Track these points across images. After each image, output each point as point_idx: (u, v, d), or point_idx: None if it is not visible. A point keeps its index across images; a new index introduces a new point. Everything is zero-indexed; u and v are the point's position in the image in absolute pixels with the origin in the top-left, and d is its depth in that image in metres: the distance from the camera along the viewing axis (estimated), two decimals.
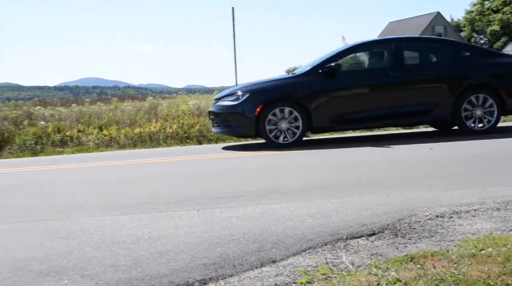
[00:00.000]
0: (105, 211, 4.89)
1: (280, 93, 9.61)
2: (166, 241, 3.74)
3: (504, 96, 9.81)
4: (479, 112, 9.79)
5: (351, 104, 9.72)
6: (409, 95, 9.84)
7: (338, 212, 4.32)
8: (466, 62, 10.13)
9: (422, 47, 10.68)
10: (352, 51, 10.34)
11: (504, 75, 9.96)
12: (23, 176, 8.17)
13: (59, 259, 3.47)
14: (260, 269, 3.16)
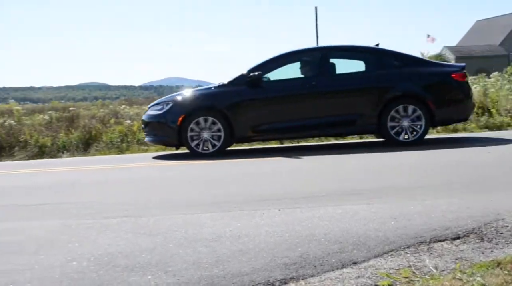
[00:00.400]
0: (188, 209, 4.97)
1: (203, 103, 9.57)
2: (247, 240, 3.76)
3: (432, 107, 9.36)
4: (406, 123, 9.36)
5: (273, 114, 9.52)
6: (332, 105, 9.52)
7: (421, 214, 4.23)
8: (394, 71, 9.70)
9: (350, 56, 10.29)
10: (280, 60, 10.03)
11: (434, 86, 9.55)
12: (109, 174, 8.42)
13: (143, 254, 3.55)
14: (341, 270, 3.14)
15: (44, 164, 10.41)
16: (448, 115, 9.62)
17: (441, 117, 9.52)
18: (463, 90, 9.59)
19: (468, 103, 9.71)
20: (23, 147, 12.52)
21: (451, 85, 9.58)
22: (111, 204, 5.55)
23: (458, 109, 9.65)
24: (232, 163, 8.68)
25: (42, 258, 3.58)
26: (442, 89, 9.57)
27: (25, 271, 3.32)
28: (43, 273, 3.27)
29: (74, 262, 3.46)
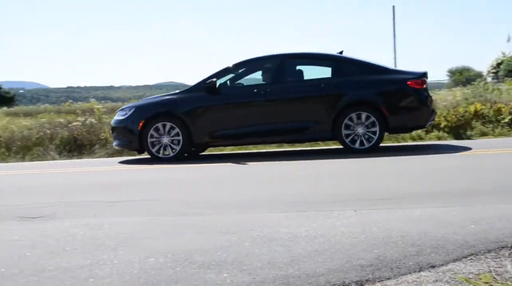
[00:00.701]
0: (264, 208, 4.99)
1: (163, 109, 9.84)
2: (322, 240, 3.74)
3: (386, 114, 9.33)
4: (361, 130, 9.33)
5: (228, 120, 9.73)
6: (286, 112, 9.63)
7: (502, 218, 4.10)
8: (348, 79, 9.70)
9: (306, 63, 10.36)
10: (240, 67, 10.17)
11: (388, 93, 9.48)
12: (187, 172, 8.55)
13: (219, 252, 3.59)
14: (418, 274, 3.07)
15: (123, 161, 10.67)
16: (403, 122, 9.60)
17: (395, 125, 9.52)
18: (419, 97, 9.49)
19: (424, 110, 9.55)
20: (103, 144, 12.88)
21: (406, 92, 9.52)
22: (189, 201, 5.64)
23: (413, 117, 9.58)
24: (295, 163, 8.70)
25: (121, 253, 3.68)
26: (397, 97, 9.53)
27: (105, 266, 3.41)
28: (122, 268, 3.36)
29: (152, 258, 3.53)
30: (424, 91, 9.56)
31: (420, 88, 9.50)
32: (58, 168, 9.88)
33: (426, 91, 9.61)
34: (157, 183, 7.30)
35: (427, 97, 9.58)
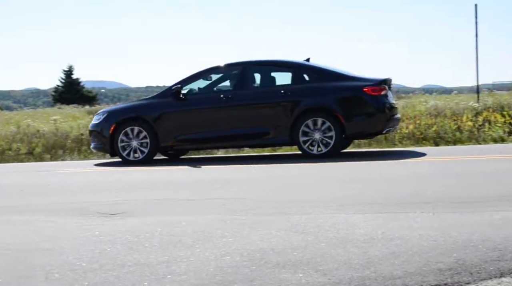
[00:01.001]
0: (340, 209, 4.95)
1: (132, 114, 10.30)
2: (399, 242, 3.68)
3: (342, 120, 9.46)
4: (318, 136, 9.49)
5: (193, 125, 10.08)
6: (247, 117, 9.89)
7: None
8: (306, 86, 9.95)
9: (268, 70, 10.50)
10: (206, 74, 10.54)
11: (344, 99, 9.62)
12: (256, 172, 8.59)
13: (295, 252, 3.58)
14: (499, 279, 2.98)
15: (201, 160, 10.83)
16: (358, 128, 9.69)
17: (352, 131, 9.63)
18: (375, 104, 9.53)
19: (381, 117, 9.57)
20: None
21: (362, 99, 9.60)
22: (264, 201, 5.66)
23: (369, 123, 9.64)
24: (373, 164, 8.57)
25: (198, 251, 3.73)
26: (353, 103, 9.66)
27: (181, 263, 3.46)
28: (199, 265, 3.40)
29: (228, 256, 3.56)
30: (382, 98, 9.59)
31: (377, 95, 9.54)
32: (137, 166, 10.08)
33: (384, 98, 9.63)
34: (230, 182, 7.36)
35: (384, 104, 9.61)
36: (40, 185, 8.13)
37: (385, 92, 9.68)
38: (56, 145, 14.65)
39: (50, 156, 13.96)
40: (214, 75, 10.69)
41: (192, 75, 10.47)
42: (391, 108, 9.81)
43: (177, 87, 10.14)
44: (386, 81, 9.88)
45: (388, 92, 9.85)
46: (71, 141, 14.81)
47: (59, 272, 3.37)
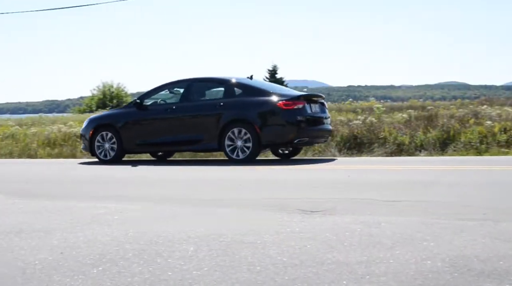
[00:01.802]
0: None
1: (106, 121, 12.49)
2: None
3: (258, 131, 10.80)
4: (240, 143, 10.95)
5: (147, 132, 12.04)
6: (186, 126, 11.61)
7: None
8: (234, 99, 11.43)
9: (206, 86, 12.37)
10: (163, 88, 12.62)
11: (262, 113, 10.98)
12: (466, 175, 8.24)
13: (501, 262, 3.39)
14: None
15: (400, 161, 10.65)
16: (271, 138, 11.01)
17: (266, 140, 10.96)
18: (287, 117, 10.83)
19: (292, 129, 10.84)
20: (382, 143, 12.99)
21: (275, 112, 10.96)
22: (468, 206, 5.43)
23: (280, 134, 10.98)
24: None
25: (397, 253, 3.67)
26: (268, 116, 11.03)
27: (381, 264, 3.43)
28: (398, 268, 3.34)
29: (429, 261, 3.46)
30: (294, 111, 10.86)
31: (290, 109, 10.86)
32: (340, 165, 10.16)
33: (297, 111, 10.86)
34: (434, 184, 7.14)
35: (296, 117, 10.83)
36: (251, 180, 8.48)
37: (300, 106, 10.95)
38: None
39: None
40: (167, 89, 12.79)
41: (154, 89, 12.60)
42: (307, 121, 11.01)
43: (138, 100, 12.35)
44: (300, 97, 11.26)
45: (308, 105, 11.14)
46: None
47: (261, 265, 3.50)
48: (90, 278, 3.29)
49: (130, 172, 10.42)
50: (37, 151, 16.66)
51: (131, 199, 6.54)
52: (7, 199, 6.75)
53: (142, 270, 3.43)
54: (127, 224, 4.93)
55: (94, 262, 3.65)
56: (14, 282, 3.26)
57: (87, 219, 5.23)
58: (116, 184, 8.34)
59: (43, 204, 6.25)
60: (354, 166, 9.97)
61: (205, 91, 12.38)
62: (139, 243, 4.16)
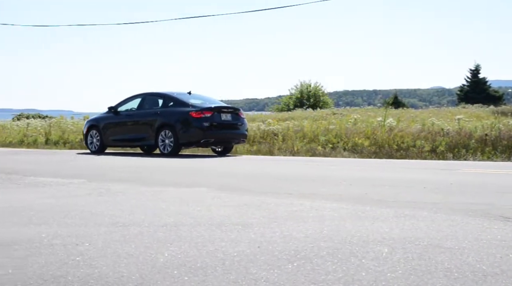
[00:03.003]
0: None
1: (94, 123, 17.19)
2: None
3: (178, 133, 15.19)
4: (167, 141, 15.38)
5: (117, 131, 16.62)
6: (137, 128, 16.13)
7: None
8: (165, 109, 15.80)
9: (153, 99, 16.46)
10: (131, 99, 16.95)
11: (180, 119, 15.22)
12: None
13: None
14: None
15: None
16: (186, 139, 15.16)
17: (182, 140, 15.17)
18: (195, 123, 14.92)
19: (198, 132, 14.92)
20: None
21: (188, 120, 15.06)
22: None
23: (191, 136, 15.11)
24: None
25: None
26: (183, 122, 15.09)
27: None
28: None
29: None
30: (201, 119, 14.87)
31: (198, 117, 14.91)
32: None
33: (203, 119, 14.87)
34: None
35: (202, 124, 14.85)
36: (442, 183, 8.21)
37: (207, 115, 15.01)
38: (459, 144, 14.65)
39: (452, 154, 14.02)
40: (133, 100, 16.98)
41: (125, 99, 17.17)
42: (214, 126, 15.04)
43: (113, 107, 17.01)
44: (215, 108, 15.30)
45: (219, 115, 15.21)
46: (475, 141, 14.64)
47: (458, 272, 3.36)
48: (285, 273, 3.38)
49: (319, 170, 10.53)
50: (237, 147, 17.43)
51: (326, 197, 6.60)
52: (210, 192, 7.14)
53: (336, 269, 3.45)
54: (322, 222, 4.99)
55: (289, 257, 3.74)
56: (214, 271, 3.43)
57: (284, 215, 5.38)
58: (312, 183, 8.47)
59: (242, 199, 6.52)
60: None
61: (151, 103, 16.55)
62: (333, 241, 4.19)
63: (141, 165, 12.14)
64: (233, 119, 15.49)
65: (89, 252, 3.93)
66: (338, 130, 17.61)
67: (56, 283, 3.21)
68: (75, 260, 3.71)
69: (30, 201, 6.51)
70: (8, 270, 3.50)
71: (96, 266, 3.55)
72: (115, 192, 7.24)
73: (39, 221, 5.19)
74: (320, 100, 50.67)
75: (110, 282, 3.22)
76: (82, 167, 11.64)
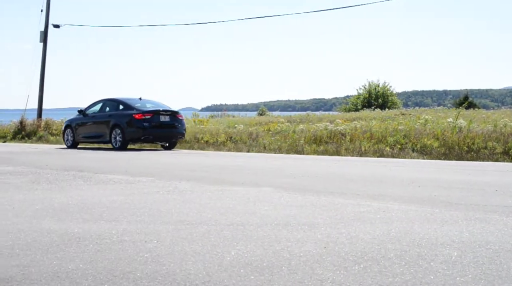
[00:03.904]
0: None
1: (69, 123, 20.78)
2: None
3: (125, 131, 18.72)
4: (118, 138, 18.91)
5: (84, 130, 20.25)
6: (97, 127, 19.78)
7: None
8: (117, 112, 19.43)
9: (110, 103, 20.11)
10: (95, 104, 20.52)
11: (127, 120, 18.72)
12: None
13: None
14: None
15: None
16: (130, 136, 18.73)
17: (128, 137, 18.75)
18: (137, 123, 18.50)
19: (139, 131, 18.51)
20: None
21: (132, 120, 18.62)
22: None
23: (133, 133, 18.67)
24: None
25: None
26: (129, 123, 18.69)
27: None
28: None
29: None
30: (142, 120, 18.39)
31: (139, 118, 18.41)
32: None
33: (143, 120, 18.40)
34: None
35: (143, 123, 18.39)
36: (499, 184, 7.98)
37: (147, 117, 18.41)
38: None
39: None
40: (97, 104, 20.42)
41: (92, 103, 20.60)
42: (153, 126, 18.46)
43: (83, 110, 20.41)
44: (154, 111, 18.74)
45: (158, 116, 18.59)
46: None
47: None
48: (351, 275, 3.35)
49: (387, 171, 10.39)
50: (304, 147, 17.41)
51: (394, 199, 6.51)
52: (276, 192, 7.15)
53: (404, 271, 3.40)
54: (390, 224, 4.92)
55: (356, 259, 3.70)
56: (280, 271, 3.44)
57: (350, 216, 5.34)
58: (380, 184, 8.37)
59: (308, 199, 6.51)
60: None
61: (109, 106, 19.91)
62: (401, 243, 4.13)
63: (208, 164, 12.26)
64: (171, 120, 19.00)
65: (157, 249, 4.00)
66: (407, 131, 17.33)
67: (125, 279, 3.29)
68: (143, 256, 3.79)
69: (101, 197, 6.69)
70: (79, 265, 3.60)
71: (163, 263, 3.61)
72: (182, 190, 7.35)
73: (110, 217, 5.32)
74: (389, 101, 49.95)
75: (178, 280, 3.27)
76: (150, 165, 11.86)
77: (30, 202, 6.40)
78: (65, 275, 3.40)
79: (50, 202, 6.35)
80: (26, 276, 3.39)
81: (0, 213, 5.63)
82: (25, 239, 4.37)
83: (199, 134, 21.20)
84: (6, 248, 4.09)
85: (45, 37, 30.06)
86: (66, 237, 4.43)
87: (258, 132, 20.94)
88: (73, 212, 5.66)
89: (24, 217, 5.42)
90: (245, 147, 18.75)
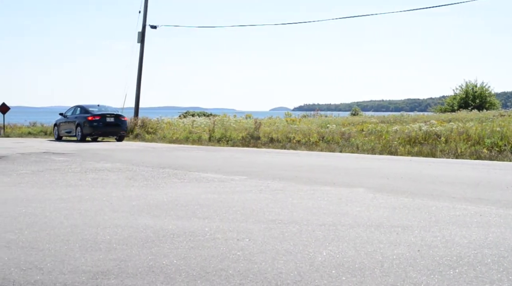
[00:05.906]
0: None
1: (56, 123, 27.90)
2: None
3: (81, 128, 24.93)
4: (79, 133, 25.22)
5: (64, 127, 26.77)
6: (69, 125, 26.17)
7: None
8: (80, 115, 25.66)
9: (77, 108, 26.49)
10: (71, 109, 27.13)
11: (85, 120, 24.97)
12: None
13: None
14: None
15: None
16: (85, 132, 24.94)
17: (84, 133, 24.97)
18: (89, 123, 24.87)
19: (90, 128, 24.90)
20: None
21: (86, 121, 24.97)
22: None
23: (87, 130, 24.93)
24: None
25: None
26: (84, 123, 25.01)
27: None
28: None
29: None
30: (92, 121, 24.83)
31: (91, 119, 24.87)
32: None
33: (94, 121, 24.83)
34: None
35: (93, 123, 24.84)
36: None
37: (97, 119, 24.84)
38: None
39: None
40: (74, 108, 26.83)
41: (69, 108, 27.07)
42: (100, 125, 24.85)
43: (63, 113, 27.38)
44: (102, 114, 25.04)
45: (104, 118, 24.95)
46: None
47: None
48: (446, 279, 3.27)
49: (484, 174, 10.04)
50: (398, 148, 17.09)
51: (492, 203, 6.29)
52: (368, 193, 7.07)
53: (501, 278, 3.29)
54: (487, 228, 4.76)
55: (451, 263, 3.61)
56: (372, 273, 3.40)
57: (445, 219, 5.20)
58: (476, 187, 8.11)
59: (402, 200, 6.39)
60: None
61: (77, 111, 26.12)
62: (499, 248, 3.99)
63: (300, 163, 12.27)
64: (115, 121, 25.33)
65: (249, 247, 4.04)
66: (505, 133, 16.67)
67: (217, 276, 3.34)
68: (235, 254, 3.84)
69: (194, 195, 6.82)
70: (173, 260, 3.69)
71: (255, 262, 3.64)
72: (274, 190, 7.39)
73: (203, 215, 5.42)
74: (487, 101, 48.25)
75: (269, 278, 3.29)
76: (241, 164, 11.98)
77: (127, 198, 6.62)
78: (159, 270, 3.49)
79: (146, 199, 6.55)
80: (122, 270, 3.51)
81: (99, 209, 5.86)
82: (122, 234, 4.53)
83: (291, 134, 21.17)
84: (104, 242, 4.25)
85: (143, 37, 30.86)
86: (160, 233, 4.56)
87: (350, 132, 20.73)
88: (167, 209, 5.81)
89: (121, 212, 5.62)
90: (338, 147, 18.57)
